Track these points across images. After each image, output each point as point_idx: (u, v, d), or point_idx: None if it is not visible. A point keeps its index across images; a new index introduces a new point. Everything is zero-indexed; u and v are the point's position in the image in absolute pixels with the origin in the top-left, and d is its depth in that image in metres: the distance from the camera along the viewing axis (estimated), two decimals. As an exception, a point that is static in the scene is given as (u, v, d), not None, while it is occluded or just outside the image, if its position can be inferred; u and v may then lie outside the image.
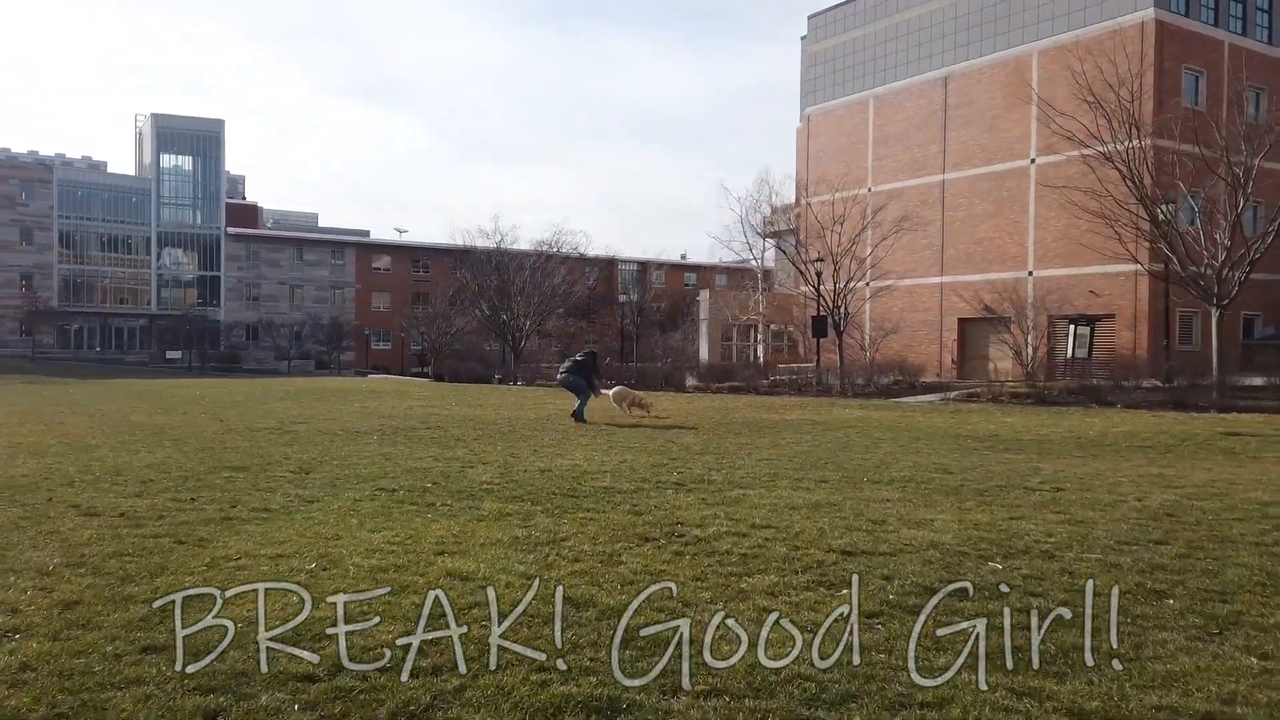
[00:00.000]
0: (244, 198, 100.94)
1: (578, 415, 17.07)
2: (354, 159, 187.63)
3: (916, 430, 15.63)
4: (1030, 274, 36.22)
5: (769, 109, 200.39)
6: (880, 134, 42.33)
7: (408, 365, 71.20)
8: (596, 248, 76.67)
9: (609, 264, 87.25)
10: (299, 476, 9.71)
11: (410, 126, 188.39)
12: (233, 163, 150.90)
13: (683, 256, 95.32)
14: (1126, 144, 24.30)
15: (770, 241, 49.24)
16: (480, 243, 57.86)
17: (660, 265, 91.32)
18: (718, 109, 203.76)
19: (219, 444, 12.99)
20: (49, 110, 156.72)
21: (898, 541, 6.55)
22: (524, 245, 58.29)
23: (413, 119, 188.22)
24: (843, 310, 29.82)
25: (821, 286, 32.67)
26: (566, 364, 18.48)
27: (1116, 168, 24.51)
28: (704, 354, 47.99)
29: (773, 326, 48.21)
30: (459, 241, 58.48)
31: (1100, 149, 24.89)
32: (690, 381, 34.30)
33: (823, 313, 33.12)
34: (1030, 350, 34.41)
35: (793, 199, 45.69)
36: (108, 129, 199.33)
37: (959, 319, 38.94)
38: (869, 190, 40.56)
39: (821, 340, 34.36)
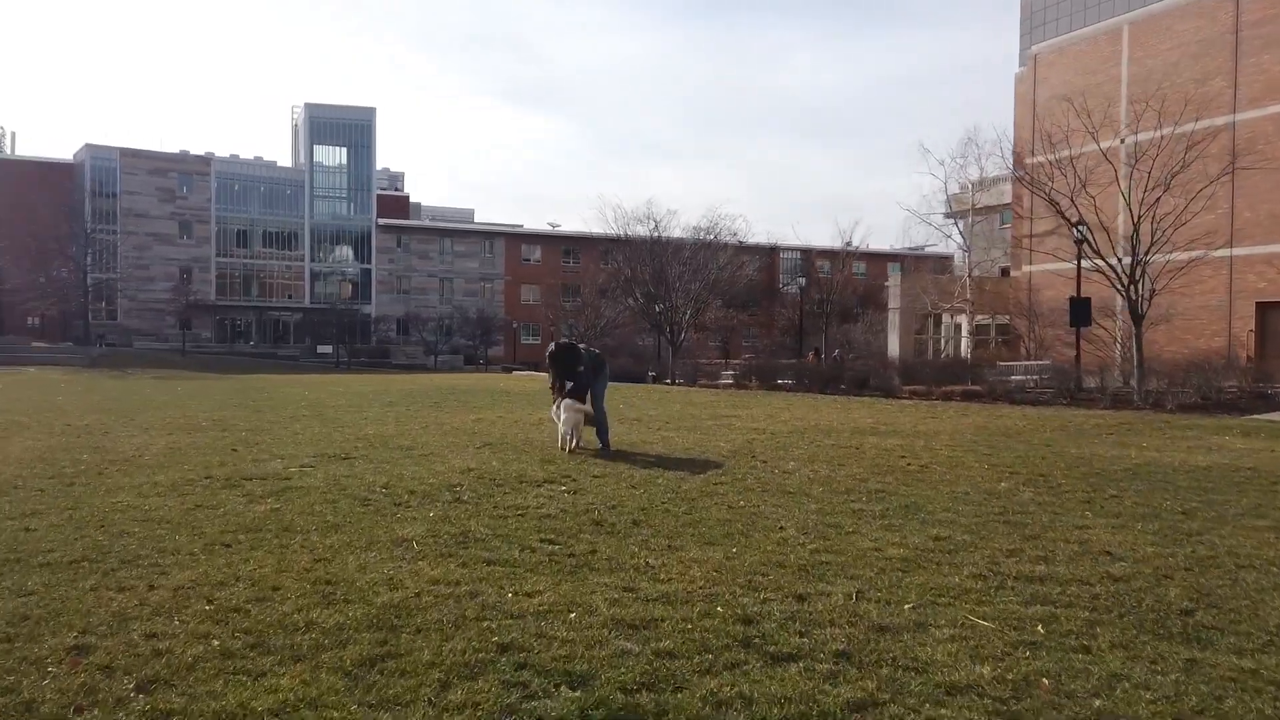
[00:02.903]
0: (400, 190, 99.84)
1: (604, 445, 11.31)
2: (509, 159, 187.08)
3: None
4: (1376, 241, 26.48)
5: (939, 96, 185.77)
6: (1139, 69, 33.13)
7: (557, 361, 66.38)
8: (756, 235, 69.32)
9: (770, 252, 79.96)
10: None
11: (562, 125, 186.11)
12: (393, 161, 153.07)
13: (847, 243, 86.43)
14: None
15: (975, 218, 40.85)
16: (635, 228, 52.14)
17: (840, 253, 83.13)
18: (880, 101, 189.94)
19: (96, 532, 6.81)
20: (225, 116, 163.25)
21: None
22: (679, 233, 52.35)
23: (565, 118, 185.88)
24: (1143, 288, 21.28)
25: (1090, 260, 24.24)
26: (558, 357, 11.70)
27: None
28: (893, 349, 40.18)
29: (978, 318, 39.82)
30: (613, 228, 52.99)
31: None
32: (897, 384, 26.74)
33: (1084, 294, 24.78)
34: (1383, 346, 24.92)
35: (1010, 162, 37.02)
36: (277, 131, 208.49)
37: (1257, 303, 29.46)
38: (1121, 143, 31.54)
39: (1062, 332, 26.05)
